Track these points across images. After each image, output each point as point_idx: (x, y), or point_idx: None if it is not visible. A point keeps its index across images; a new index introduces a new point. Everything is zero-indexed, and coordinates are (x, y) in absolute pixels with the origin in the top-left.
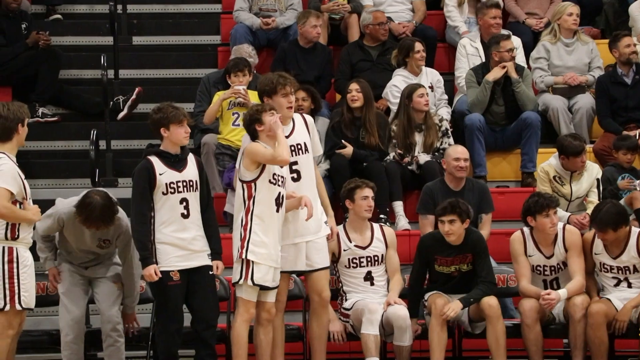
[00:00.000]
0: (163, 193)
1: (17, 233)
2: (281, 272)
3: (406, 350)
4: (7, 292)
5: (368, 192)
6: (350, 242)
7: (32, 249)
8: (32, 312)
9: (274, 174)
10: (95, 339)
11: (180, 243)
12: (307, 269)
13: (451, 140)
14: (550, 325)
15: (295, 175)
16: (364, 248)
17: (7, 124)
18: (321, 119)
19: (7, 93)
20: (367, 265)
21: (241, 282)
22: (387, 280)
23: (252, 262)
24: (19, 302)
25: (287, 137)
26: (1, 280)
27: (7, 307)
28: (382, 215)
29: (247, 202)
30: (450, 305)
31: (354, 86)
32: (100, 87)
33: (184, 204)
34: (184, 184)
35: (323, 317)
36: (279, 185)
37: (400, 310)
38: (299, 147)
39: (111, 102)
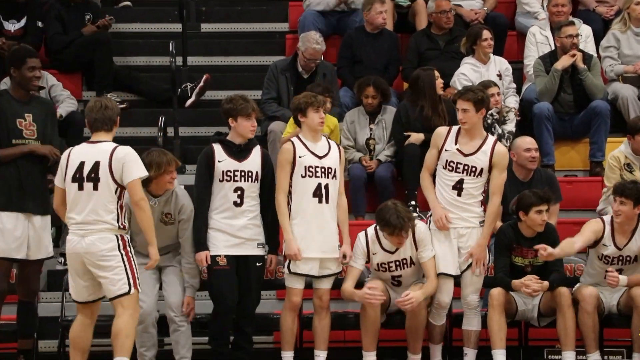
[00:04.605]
0: (220, 180)
1: (127, 225)
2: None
3: (475, 334)
4: (130, 276)
5: None
6: (456, 144)
7: None
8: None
9: (307, 167)
10: (163, 324)
11: (229, 230)
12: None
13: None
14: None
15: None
16: (465, 155)
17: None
18: (389, 107)
19: (78, 79)
20: (462, 173)
21: (284, 270)
22: (480, 202)
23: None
24: (139, 285)
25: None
26: (122, 265)
27: (133, 291)
28: (412, 202)
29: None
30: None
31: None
32: (168, 74)
33: (238, 192)
34: (242, 173)
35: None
36: (316, 177)
37: (473, 302)
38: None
39: (179, 89)
